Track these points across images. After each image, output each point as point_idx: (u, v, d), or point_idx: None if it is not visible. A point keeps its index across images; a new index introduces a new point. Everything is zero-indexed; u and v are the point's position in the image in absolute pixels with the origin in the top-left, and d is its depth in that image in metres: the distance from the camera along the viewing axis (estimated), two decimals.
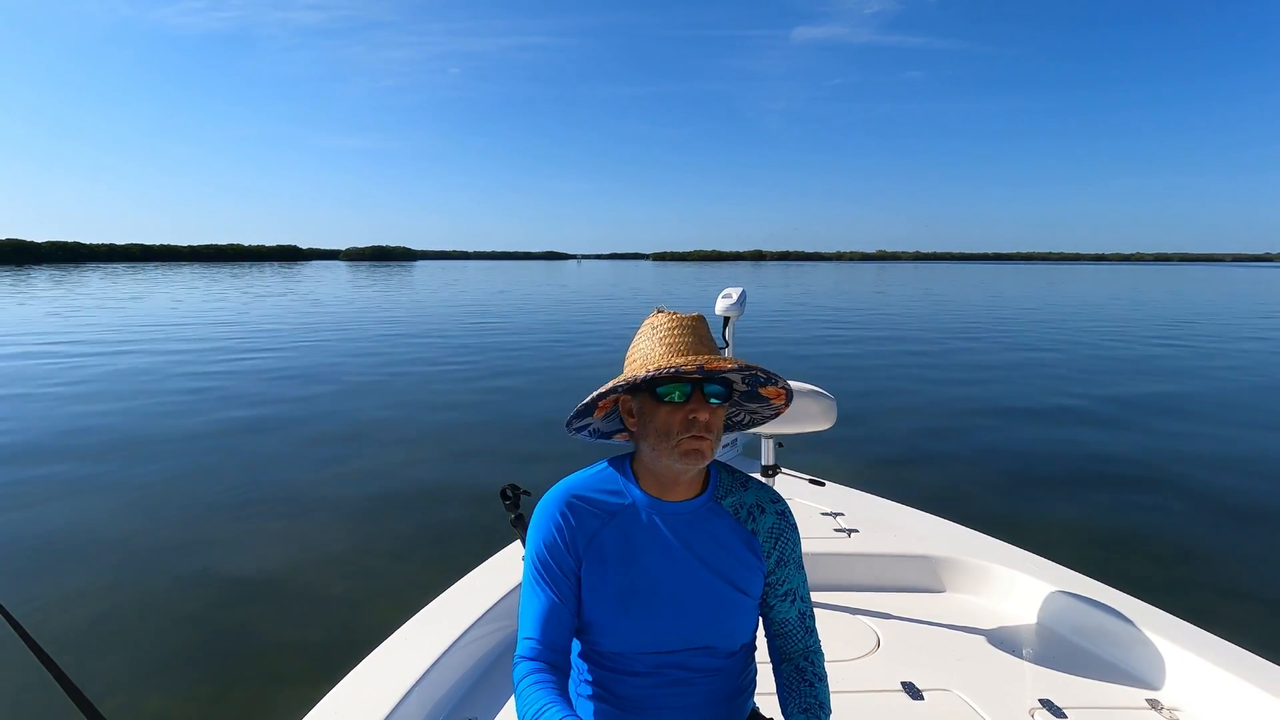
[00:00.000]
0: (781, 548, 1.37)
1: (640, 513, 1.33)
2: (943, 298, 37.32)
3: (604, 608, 1.30)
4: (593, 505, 1.33)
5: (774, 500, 1.40)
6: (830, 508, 3.06)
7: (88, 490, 6.10)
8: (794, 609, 1.38)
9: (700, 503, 1.35)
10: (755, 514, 1.37)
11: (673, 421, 1.27)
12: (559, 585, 1.29)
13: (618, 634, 1.31)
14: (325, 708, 1.73)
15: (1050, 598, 2.39)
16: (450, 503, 5.76)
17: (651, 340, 1.33)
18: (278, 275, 68.35)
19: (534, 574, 1.31)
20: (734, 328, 2.77)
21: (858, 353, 15.27)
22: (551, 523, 1.31)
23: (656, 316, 1.37)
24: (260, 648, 3.64)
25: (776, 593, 1.37)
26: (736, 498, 1.38)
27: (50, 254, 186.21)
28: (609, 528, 1.32)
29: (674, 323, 1.34)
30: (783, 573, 1.37)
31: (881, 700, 2.00)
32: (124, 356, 13.84)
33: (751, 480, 1.42)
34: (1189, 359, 14.37)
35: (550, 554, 1.30)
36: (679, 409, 1.27)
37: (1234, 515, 5.56)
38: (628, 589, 1.29)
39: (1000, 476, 6.58)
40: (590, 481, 1.36)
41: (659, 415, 1.28)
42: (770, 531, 1.36)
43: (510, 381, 11.58)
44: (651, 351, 1.32)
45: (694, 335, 1.32)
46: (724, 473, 1.41)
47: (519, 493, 2.45)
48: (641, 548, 1.31)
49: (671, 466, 1.29)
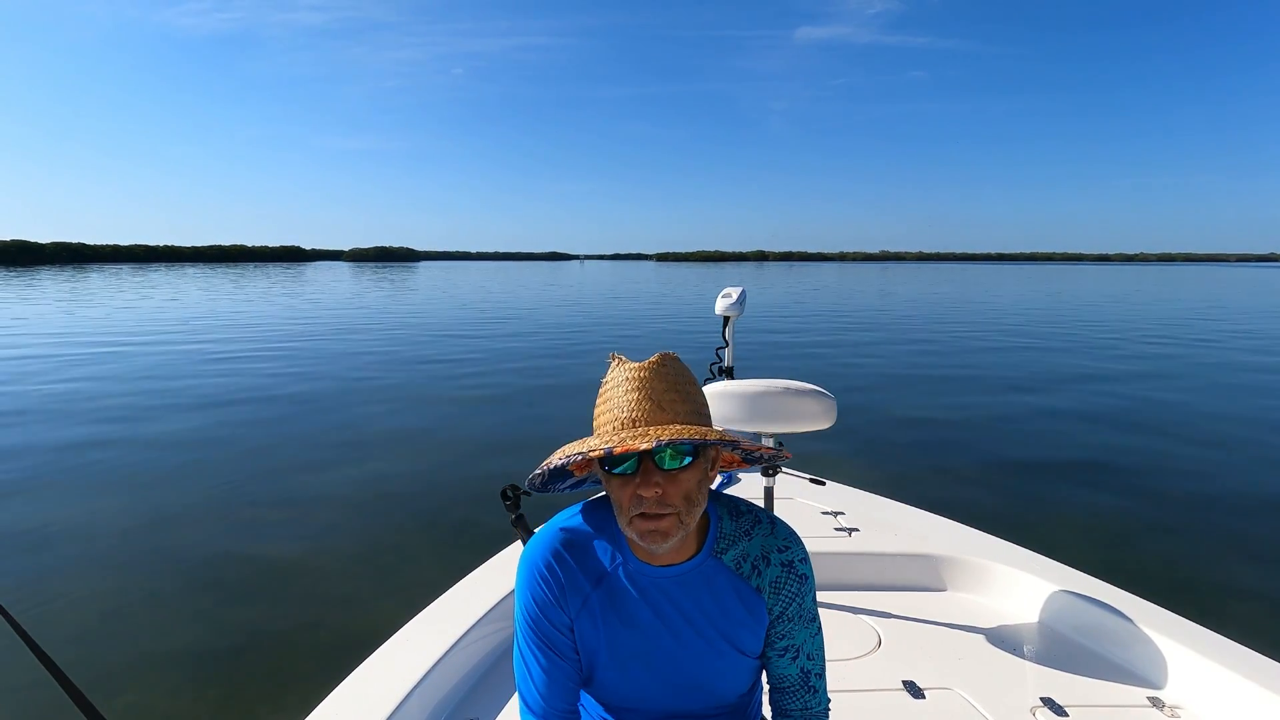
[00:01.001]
0: (784, 602, 1.25)
1: (630, 577, 1.23)
2: (945, 297, 37.27)
3: (600, 665, 1.25)
4: (581, 563, 1.24)
5: (781, 549, 1.26)
6: (830, 507, 3.06)
7: (88, 488, 6.11)
8: (794, 666, 1.28)
9: (697, 563, 1.23)
10: (760, 566, 1.25)
11: (622, 496, 1.14)
12: (555, 643, 1.24)
13: (613, 690, 1.28)
14: (327, 708, 1.73)
15: (1051, 596, 2.39)
16: (451, 503, 5.77)
17: (601, 402, 1.19)
18: (282, 276, 68.46)
19: (527, 633, 1.24)
20: (734, 327, 2.77)
21: (858, 352, 15.24)
22: (539, 578, 1.23)
23: (611, 369, 1.21)
24: (260, 648, 3.64)
25: (775, 647, 1.27)
26: (739, 550, 1.25)
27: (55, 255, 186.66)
28: (599, 590, 1.23)
29: (623, 377, 1.18)
30: (783, 627, 1.26)
31: (882, 699, 2.00)
32: (124, 357, 13.87)
33: (759, 525, 1.28)
34: (1189, 360, 14.33)
35: (543, 611, 1.23)
36: (628, 482, 1.13)
37: (1236, 514, 5.55)
38: (624, 652, 1.24)
39: (1001, 475, 6.57)
40: (576, 535, 1.26)
41: (612, 489, 1.16)
42: (774, 585, 1.25)
43: (511, 381, 11.59)
44: (600, 416, 1.18)
45: (641, 392, 1.15)
46: (726, 518, 1.27)
47: (519, 493, 2.45)
48: (634, 613, 1.23)
49: (638, 543, 1.18)
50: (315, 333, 18.69)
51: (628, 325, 21.87)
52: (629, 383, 1.17)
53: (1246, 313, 26.92)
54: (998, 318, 24.09)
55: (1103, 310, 28.11)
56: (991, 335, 18.61)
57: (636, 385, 1.16)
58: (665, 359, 1.20)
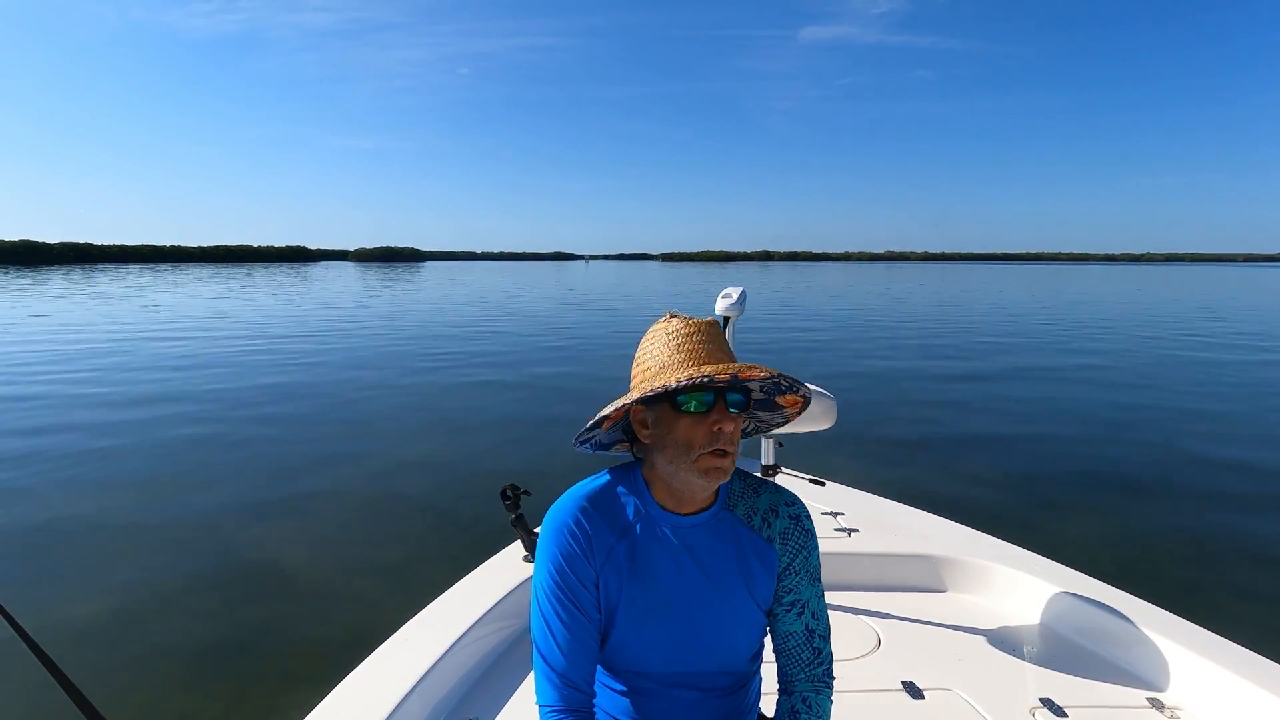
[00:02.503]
0: (792, 553, 1.31)
1: (655, 526, 1.27)
2: (949, 297, 37.16)
3: (618, 623, 1.27)
4: (606, 517, 1.27)
5: (789, 504, 1.33)
6: (831, 507, 3.06)
7: (88, 487, 6.14)
8: (800, 622, 1.31)
9: (712, 513, 1.29)
10: (769, 518, 1.31)
11: (695, 434, 1.19)
12: (579, 599, 1.24)
13: (628, 650, 1.28)
14: (326, 708, 1.73)
15: (1051, 597, 2.38)
16: (451, 503, 5.78)
17: (667, 348, 1.24)
18: (289, 276, 68.62)
19: (553, 591, 1.24)
20: (734, 327, 2.77)
21: (858, 352, 15.21)
22: (567, 531, 1.25)
23: (670, 322, 1.28)
24: (259, 648, 3.65)
25: (782, 602, 1.31)
26: (749, 504, 1.32)
27: (62, 254, 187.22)
28: (624, 542, 1.26)
29: (691, 328, 1.26)
30: (791, 580, 1.31)
31: (882, 700, 2.00)
32: (123, 355, 13.94)
33: (765, 485, 1.36)
34: (1191, 358, 14.28)
35: (569, 564, 1.24)
36: (701, 420, 1.18)
37: (1236, 514, 5.53)
38: (642, 606, 1.26)
39: (1001, 476, 6.56)
40: (601, 492, 1.30)
41: (679, 427, 1.19)
42: (783, 535, 1.31)
43: (515, 382, 11.60)
44: (670, 359, 1.23)
45: (713, 342, 1.25)
46: (735, 479, 1.34)
47: (519, 493, 2.46)
48: (656, 563, 1.26)
49: (691, 482, 1.22)
50: (320, 332, 18.74)
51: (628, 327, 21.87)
52: (703, 332, 1.25)
53: (1254, 311, 26.78)
54: (999, 318, 24.03)
55: (1107, 310, 28.01)
56: (993, 336, 18.57)
57: (708, 336, 1.25)
58: (715, 320, 1.31)
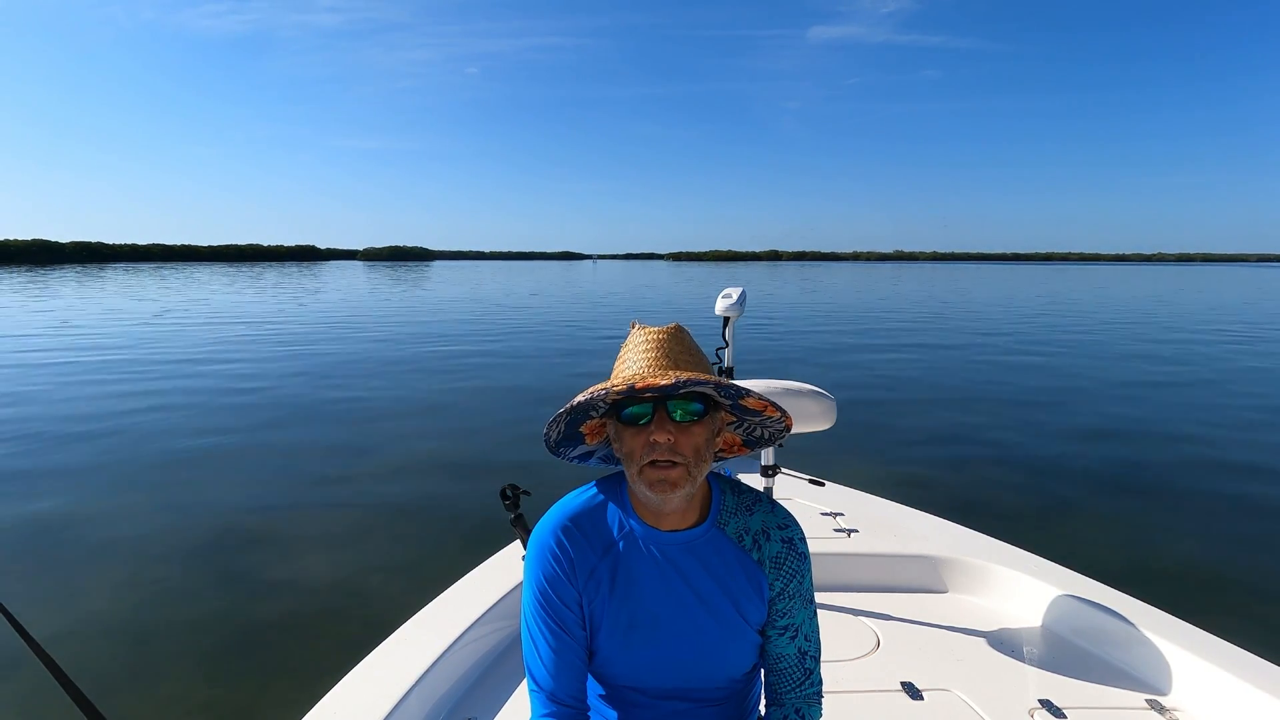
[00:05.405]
0: (786, 578, 1.29)
1: (637, 544, 1.26)
2: (954, 298, 37.01)
3: (603, 640, 1.27)
4: (588, 535, 1.27)
5: (782, 526, 1.31)
6: (830, 508, 3.06)
7: (88, 487, 6.17)
8: (792, 646, 1.30)
9: (701, 531, 1.27)
10: (760, 540, 1.29)
11: (635, 445, 1.19)
12: (564, 620, 1.25)
13: (616, 666, 1.28)
14: (325, 707, 1.74)
15: (1050, 598, 2.38)
16: (450, 503, 5.79)
17: (620, 359, 1.26)
18: (300, 275, 68.89)
19: (537, 609, 1.25)
20: (734, 327, 2.77)
21: (858, 352, 15.16)
22: (549, 553, 1.25)
23: (631, 333, 1.30)
24: (259, 647, 3.66)
25: (776, 625, 1.30)
26: (741, 522, 1.30)
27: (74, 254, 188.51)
28: (606, 560, 1.26)
29: (642, 338, 1.26)
30: (784, 605, 1.29)
31: (881, 700, 2.00)
32: (125, 355, 14.02)
33: (760, 503, 1.33)
34: (1191, 358, 14.18)
35: (552, 586, 1.25)
36: (641, 431, 1.18)
37: (1236, 515, 5.50)
38: (627, 623, 1.25)
39: (1002, 476, 6.53)
40: (584, 509, 1.29)
41: (624, 439, 1.21)
42: (775, 560, 1.28)
43: (513, 380, 11.63)
44: (617, 372, 1.24)
45: (659, 350, 1.23)
46: (729, 494, 1.32)
47: (519, 493, 2.46)
48: (640, 581, 1.25)
49: (644, 494, 1.20)
50: (325, 331, 18.82)
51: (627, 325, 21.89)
52: (648, 342, 1.24)
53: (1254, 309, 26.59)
54: (999, 318, 23.90)
55: (1109, 309, 27.85)
56: (994, 335, 18.47)
57: (655, 345, 1.24)
58: (680, 327, 1.29)
